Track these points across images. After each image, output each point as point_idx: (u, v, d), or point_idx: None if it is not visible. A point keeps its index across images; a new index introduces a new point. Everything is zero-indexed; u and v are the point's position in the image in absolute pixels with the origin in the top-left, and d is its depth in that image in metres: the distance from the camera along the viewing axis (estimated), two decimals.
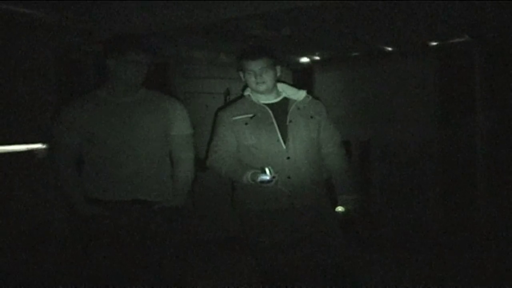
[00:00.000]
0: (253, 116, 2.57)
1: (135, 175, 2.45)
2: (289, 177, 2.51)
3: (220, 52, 4.34)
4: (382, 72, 4.70)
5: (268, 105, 2.59)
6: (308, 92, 2.68)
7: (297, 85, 2.75)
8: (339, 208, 2.61)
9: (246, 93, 2.66)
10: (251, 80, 2.54)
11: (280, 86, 2.67)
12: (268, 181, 2.37)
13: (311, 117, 2.60)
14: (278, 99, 2.63)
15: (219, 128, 2.62)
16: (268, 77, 2.53)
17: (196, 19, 2.99)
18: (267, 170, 2.37)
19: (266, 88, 2.55)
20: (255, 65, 2.51)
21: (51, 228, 3.25)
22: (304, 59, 4.84)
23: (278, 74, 2.61)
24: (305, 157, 2.55)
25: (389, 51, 4.43)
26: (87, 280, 2.53)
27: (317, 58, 4.82)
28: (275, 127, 2.54)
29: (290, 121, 2.55)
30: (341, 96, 4.93)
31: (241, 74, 2.60)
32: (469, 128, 4.25)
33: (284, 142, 2.52)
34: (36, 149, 3.17)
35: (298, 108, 2.59)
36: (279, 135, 2.53)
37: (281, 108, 2.59)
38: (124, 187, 2.45)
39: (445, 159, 4.46)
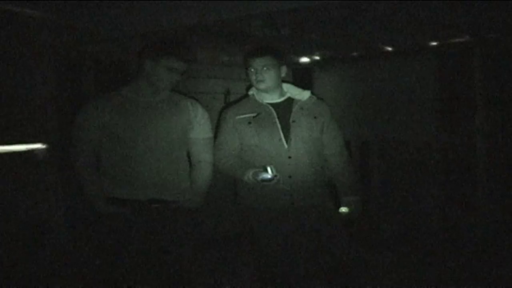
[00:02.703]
0: (257, 115, 2.58)
1: (153, 174, 2.48)
2: (290, 177, 2.52)
3: (220, 52, 4.34)
4: (382, 72, 4.70)
5: (271, 104, 2.60)
6: (312, 93, 2.69)
7: (298, 85, 2.76)
8: (343, 209, 2.62)
9: (251, 92, 2.67)
10: (253, 77, 2.56)
11: (285, 86, 2.68)
12: (270, 180, 2.39)
13: (315, 117, 2.60)
14: (282, 98, 2.63)
15: (223, 126, 2.64)
16: (268, 76, 2.54)
17: (196, 19, 2.99)
18: (268, 169, 2.39)
19: (265, 86, 2.56)
20: (257, 63, 2.53)
21: (51, 228, 3.24)
22: (304, 59, 4.84)
23: (283, 74, 2.61)
24: (307, 157, 2.55)
25: (389, 51, 4.43)
26: (98, 280, 2.54)
27: (317, 58, 4.81)
28: (277, 126, 2.55)
29: (293, 121, 2.56)
30: (341, 96, 4.93)
31: (246, 72, 2.61)
32: (469, 128, 4.25)
33: (286, 142, 2.53)
34: (36, 149, 3.17)
35: (302, 108, 2.60)
36: (281, 134, 2.54)
37: (285, 108, 2.60)
38: (142, 187, 2.48)
39: (445, 159, 4.46)
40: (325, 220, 2.59)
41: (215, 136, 2.70)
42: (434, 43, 4.20)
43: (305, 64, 4.94)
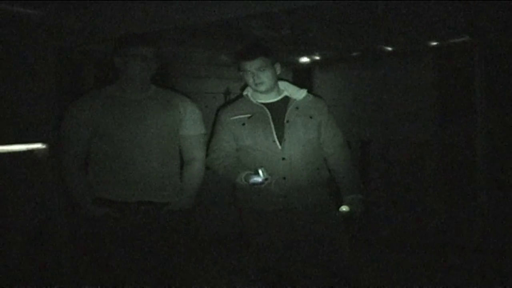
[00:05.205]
0: (251, 116, 2.55)
1: (142, 175, 2.40)
2: (284, 178, 2.49)
3: (220, 52, 4.34)
4: (382, 72, 4.70)
5: (266, 104, 2.57)
6: (309, 91, 2.66)
7: (296, 83, 2.73)
8: (343, 208, 2.56)
9: (245, 92, 2.65)
10: (250, 80, 2.53)
11: (282, 84, 2.64)
12: (260, 183, 2.34)
13: (311, 117, 2.57)
14: (279, 98, 2.60)
15: (218, 127, 2.61)
16: (266, 77, 2.50)
17: (196, 19, 2.99)
18: (260, 172, 2.34)
19: (266, 88, 2.53)
20: (251, 66, 2.48)
21: (51, 228, 3.24)
22: (304, 59, 4.84)
23: (278, 72, 2.58)
24: (301, 157, 2.51)
25: (389, 51, 4.43)
26: (91, 281, 2.51)
27: (317, 58, 4.82)
28: (271, 127, 2.51)
29: (287, 121, 2.52)
30: (341, 96, 4.93)
31: (240, 74, 2.59)
32: (469, 128, 4.25)
33: (280, 143, 2.50)
34: (36, 149, 3.17)
35: (297, 108, 2.56)
36: (274, 135, 2.50)
37: (280, 108, 2.56)
38: (130, 188, 2.40)
39: (445, 159, 4.46)
40: (320, 221, 2.56)
41: (210, 137, 2.68)
42: (434, 43, 4.20)
43: (305, 64, 4.95)
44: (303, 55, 4.74)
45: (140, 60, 2.40)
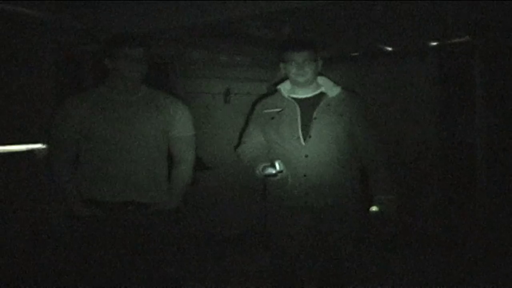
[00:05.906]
0: (280, 110, 2.55)
1: (130, 175, 2.41)
2: (305, 175, 2.48)
3: (220, 52, 4.33)
4: (382, 72, 4.70)
5: (298, 100, 2.55)
6: (346, 88, 2.60)
7: (331, 79, 2.67)
8: (373, 208, 2.50)
9: (279, 86, 2.65)
10: (292, 71, 2.51)
11: (321, 79, 2.62)
12: (273, 175, 2.36)
13: (341, 114, 2.51)
14: (313, 93, 2.57)
15: (250, 119, 2.67)
16: (310, 69, 2.50)
17: (196, 19, 2.99)
18: (276, 164, 2.36)
19: (306, 79, 2.52)
20: (299, 56, 2.49)
21: (51, 228, 3.24)
22: None
23: (319, 69, 2.57)
24: (325, 155, 2.47)
25: (389, 51, 4.43)
26: (83, 281, 2.51)
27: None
28: (297, 123, 2.49)
29: (315, 118, 2.49)
30: None
31: (282, 66, 2.57)
32: (469, 128, 4.25)
33: (304, 139, 2.48)
34: (36, 149, 3.17)
35: (329, 105, 2.52)
36: (299, 132, 2.48)
37: (313, 104, 2.53)
38: (118, 188, 2.41)
39: (445, 159, 4.46)
40: (339, 221, 2.53)
41: (243, 128, 2.70)
42: (435, 43, 4.20)
43: None
44: None
45: (131, 61, 2.40)
